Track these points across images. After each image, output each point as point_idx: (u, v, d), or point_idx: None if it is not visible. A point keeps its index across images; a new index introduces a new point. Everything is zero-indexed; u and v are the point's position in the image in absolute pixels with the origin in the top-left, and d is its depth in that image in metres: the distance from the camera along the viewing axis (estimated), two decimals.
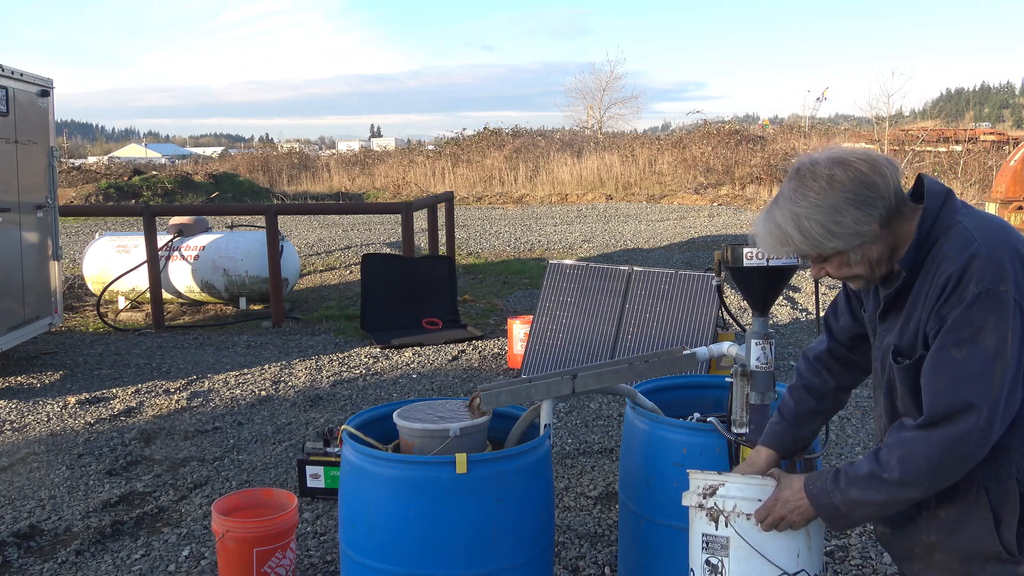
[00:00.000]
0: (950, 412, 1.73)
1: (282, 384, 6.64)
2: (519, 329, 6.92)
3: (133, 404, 6.15)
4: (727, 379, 2.84)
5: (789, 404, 2.27)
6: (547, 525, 2.77)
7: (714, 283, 4.67)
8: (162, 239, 9.36)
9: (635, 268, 6.60)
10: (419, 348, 7.68)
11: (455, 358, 7.35)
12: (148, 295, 8.97)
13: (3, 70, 6.65)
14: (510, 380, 2.88)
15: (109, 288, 9.42)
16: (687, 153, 26.77)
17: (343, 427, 2.83)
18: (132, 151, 61.46)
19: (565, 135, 32.87)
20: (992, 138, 25.77)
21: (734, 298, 9.19)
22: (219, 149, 62.13)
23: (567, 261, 6.92)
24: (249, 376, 6.88)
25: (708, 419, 2.86)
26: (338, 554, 3.75)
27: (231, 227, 11.02)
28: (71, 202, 19.00)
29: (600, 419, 5.68)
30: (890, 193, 1.80)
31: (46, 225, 7.47)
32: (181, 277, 9.43)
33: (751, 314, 2.78)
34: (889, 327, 1.92)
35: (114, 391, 6.49)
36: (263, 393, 6.41)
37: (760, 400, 2.68)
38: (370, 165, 32.35)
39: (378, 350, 7.65)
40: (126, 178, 23.79)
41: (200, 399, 6.27)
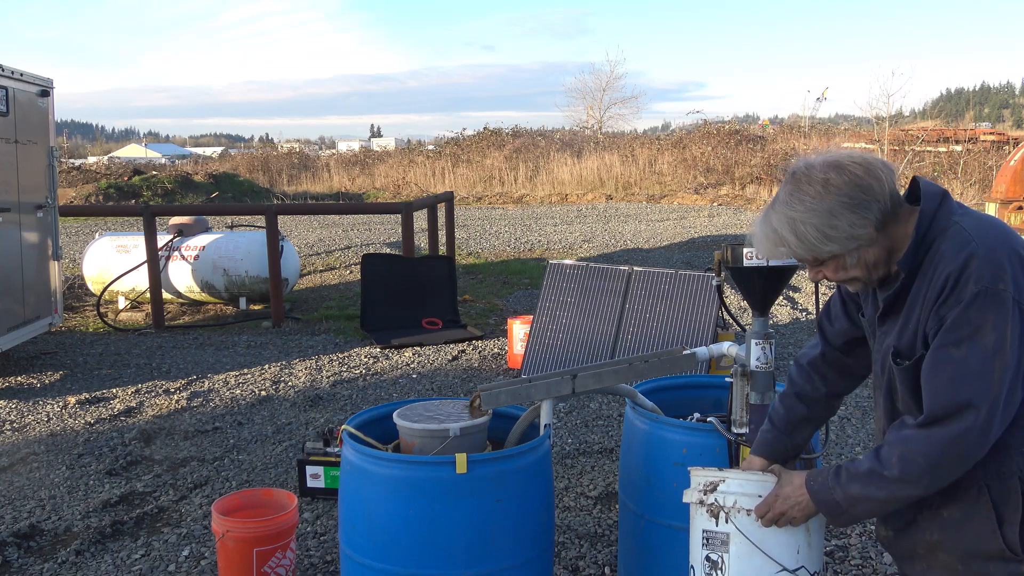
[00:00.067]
0: (950, 410, 1.73)
1: (282, 384, 6.64)
2: (519, 329, 6.92)
3: (133, 404, 6.15)
4: (727, 379, 2.84)
5: (780, 412, 2.26)
6: (547, 525, 2.77)
7: (714, 283, 4.67)
8: (162, 239, 9.36)
9: (635, 268, 6.60)
10: (419, 348, 7.68)
11: (455, 358, 7.35)
12: (148, 295, 8.97)
13: (3, 70, 6.65)
14: (510, 380, 2.88)
15: (109, 288, 9.42)
16: (687, 153, 26.76)
17: (343, 427, 2.83)
18: (132, 151, 61.45)
19: (565, 135, 32.86)
20: (992, 138, 25.74)
21: (734, 298, 9.19)
22: (219, 149, 62.14)
23: (567, 261, 6.92)
24: (249, 376, 6.88)
25: (708, 419, 2.86)
26: (338, 554, 3.75)
27: (231, 227, 11.03)
28: (71, 202, 19.00)
29: (600, 419, 5.68)
30: (885, 196, 1.81)
31: (46, 225, 7.47)
32: (181, 277, 9.44)
33: (751, 314, 2.78)
34: (888, 329, 1.92)
35: (114, 391, 6.50)
36: (263, 393, 6.41)
37: (760, 400, 2.68)
38: (370, 165, 32.34)
39: (378, 350, 7.65)
40: (126, 178, 23.78)
41: (200, 399, 6.27)
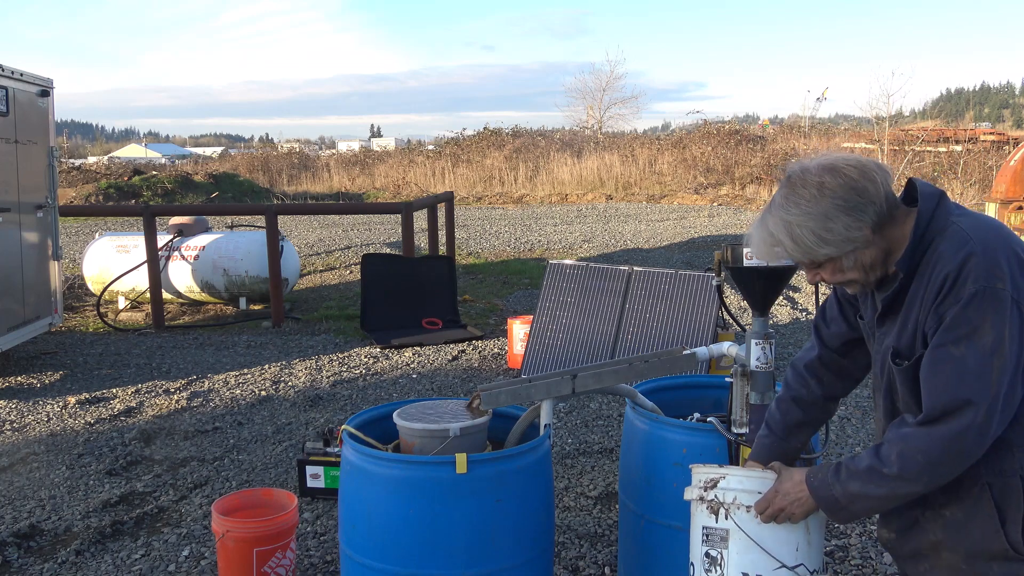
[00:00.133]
0: (949, 409, 1.74)
1: (282, 384, 6.64)
2: (519, 329, 6.92)
3: (133, 404, 6.15)
4: (727, 379, 2.84)
5: (776, 417, 2.26)
6: (547, 525, 2.77)
7: (714, 283, 4.67)
8: (162, 239, 9.36)
9: (635, 268, 6.60)
10: (419, 348, 7.68)
11: (455, 358, 7.35)
12: (148, 295, 8.97)
13: (3, 70, 6.65)
14: (510, 380, 2.88)
15: (109, 288, 9.42)
16: (687, 153, 26.76)
17: (343, 427, 2.83)
18: (132, 151, 61.44)
19: (565, 135, 32.86)
20: (992, 138, 25.74)
21: (734, 298, 9.19)
22: (219, 149, 62.13)
23: (567, 261, 6.92)
24: (249, 376, 6.88)
25: (708, 419, 2.86)
26: (338, 554, 3.75)
27: (231, 227, 11.03)
28: (71, 202, 19.00)
29: (600, 419, 5.68)
30: (881, 198, 1.81)
31: (46, 225, 7.47)
32: (181, 277, 9.44)
33: (751, 314, 2.78)
34: (887, 330, 1.92)
35: (114, 391, 6.50)
36: (263, 393, 6.41)
37: (760, 400, 2.68)
38: (370, 165, 32.33)
39: (378, 350, 7.65)
40: (126, 178, 23.78)
41: (200, 399, 6.27)
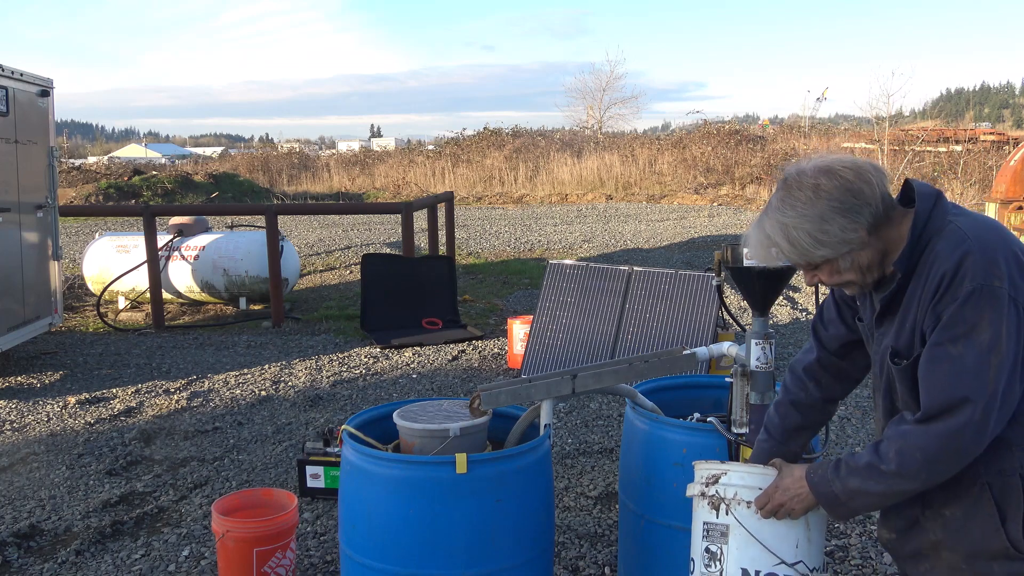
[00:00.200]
0: (947, 407, 1.74)
1: (282, 384, 6.64)
2: (519, 329, 6.92)
3: (133, 404, 6.15)
4: (727, 379, 2.84)
5: (775, 421, 2.26)
6: (547, 525, 2.77)
7: (714, 283, 4.67)
8: (162, 239, 9.36)
9: (635, 268, 6.60)
10: (419, 348, 7.68)
11: (455, 358, 7.35)
12: (148, 295, 8.97)
13: (3, 70, 6.65)
14: (510, 380, 2.88)
15: (109, 288, 9.42)
16: (687, 153, 26.75)
17: (343, 427, 2.83)
18: (132, 151, 61.44)
19: (565, 135, 32.85)
20: (992, 138, 25.72)
21: (734, 298, 9.19)
22: (219, 149, 62.12)
23: (567, 261, 6.92)
24: (249, 376, 6.88)
25: (708, 419, 2.86)
26: (338, 554, 3.75)
27: (231, 227, 11.03)
28: (71, 202, 19.00)
29: (600, 419, 5.68)
30: (877, 199, 1.81)
31: (46, 225, 7.47)
32: (181, 277, 9.44)
33: (751, 314, 2.78)
34: (886, 330, 1.92)
35: (114, 391, 6.50)
36: (263, 393, 6.41)
37: (760, 400, 2.68)
38: (370, 165, 32.33)
39: (378, 350, 7.65)
40: (126, 178, 23.78)
41: (200, 399, 6.27)
